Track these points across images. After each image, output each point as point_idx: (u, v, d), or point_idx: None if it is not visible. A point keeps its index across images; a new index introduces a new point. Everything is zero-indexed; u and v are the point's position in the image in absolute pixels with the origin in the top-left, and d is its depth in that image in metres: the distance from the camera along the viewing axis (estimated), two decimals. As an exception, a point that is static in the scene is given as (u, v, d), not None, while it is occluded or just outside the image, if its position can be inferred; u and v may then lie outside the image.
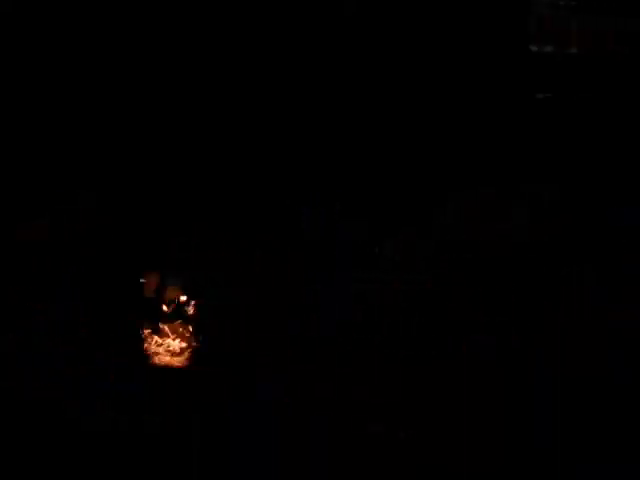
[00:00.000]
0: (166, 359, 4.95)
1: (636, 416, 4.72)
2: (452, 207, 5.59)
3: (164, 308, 5.06)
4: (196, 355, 5.03)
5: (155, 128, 5.59)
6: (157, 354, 4.93)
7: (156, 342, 4.95)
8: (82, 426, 4.63)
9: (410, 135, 5.70)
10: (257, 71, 5.68)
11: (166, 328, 4.99)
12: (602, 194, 5.56)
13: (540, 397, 4.84)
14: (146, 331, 4.97)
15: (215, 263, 5.41)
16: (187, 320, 5.08)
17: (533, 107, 5.76)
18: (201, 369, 4.99)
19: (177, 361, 4.95)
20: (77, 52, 5.55)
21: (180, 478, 4.52)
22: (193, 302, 5.11)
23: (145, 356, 4.90)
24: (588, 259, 5.40)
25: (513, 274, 5.35)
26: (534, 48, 5.71)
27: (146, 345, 4.91)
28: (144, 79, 5.61)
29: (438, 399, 4.88)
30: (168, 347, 4.97)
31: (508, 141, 5.68)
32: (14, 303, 5.11)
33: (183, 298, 5.10)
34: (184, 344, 5.03)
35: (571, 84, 5.69)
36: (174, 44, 5.61)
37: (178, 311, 5.09)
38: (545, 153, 5.65)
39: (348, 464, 4.58)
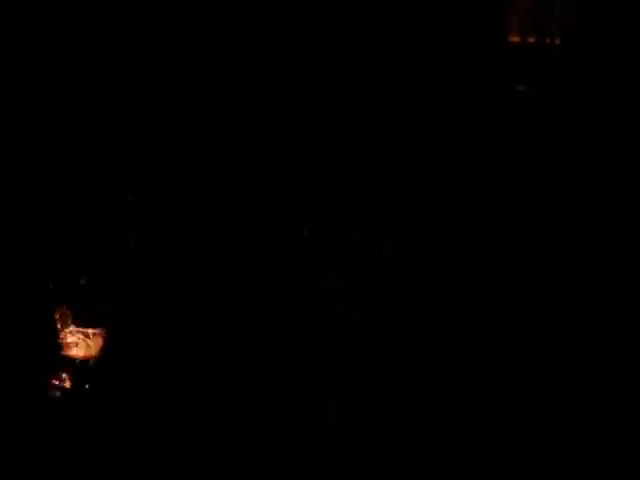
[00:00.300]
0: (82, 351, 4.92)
1: (636, 415, 4.72)
2: (452, 207, 5.59)
3: None
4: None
5: (155, 128, 5.58)
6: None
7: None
8: (82, 426, 4.63)
9: (410, 135, 5.69)
10: (257, 71, 5.68)
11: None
12: (602, 194, 5.55)
13: (540, 397, 4.83)
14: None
15: (215, 263, 5.41)
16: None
17: (532, 107, 5.75)
18: (201, 369, 4.99)
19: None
20: (77, 52, 5.54)
21: (180, 478, 4.51)
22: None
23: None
24: (588, 259, 5.40)
25: (513, 274, 5.34)
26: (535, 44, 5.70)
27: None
28: (144, 79, 5.60)
29: (438, 399, 4.88)
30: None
31: (508, 141, 5.67)
32: (14, 303, 5.10)
33: None
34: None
35: (573, 83, 5.68)
36: (174, 44, 5.60)
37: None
38: (545, 153, 5.65)
39: (348, 464, 4.58)
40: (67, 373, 4.80)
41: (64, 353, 4.87)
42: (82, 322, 4.93)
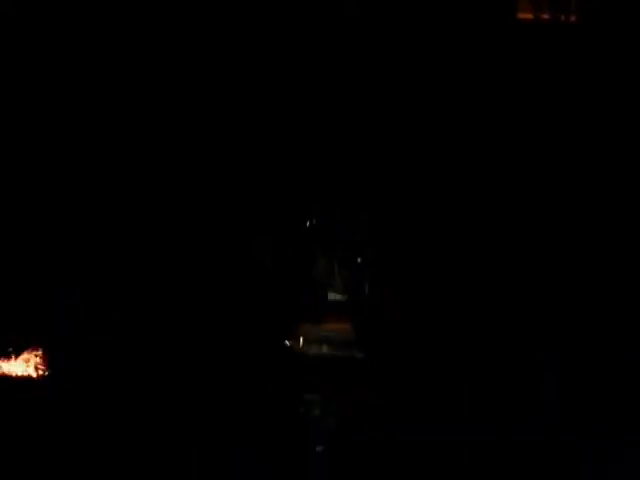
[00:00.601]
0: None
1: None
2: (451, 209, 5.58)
3: None
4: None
5: (153, 128, 5.57)
6: None
7: None
8: (82, 426, 4.64)
9: (410, 135, 5.69)
10: (256, 72, 5.67)
11: None
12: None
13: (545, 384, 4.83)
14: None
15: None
16: None
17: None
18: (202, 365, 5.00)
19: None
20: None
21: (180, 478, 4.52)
22: None
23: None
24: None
25: (514, 271, 5.33)
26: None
27: None
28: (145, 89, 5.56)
29: (438, 399, 4.89)
30: None
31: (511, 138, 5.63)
32: (14, 303, 5.11)
33: None
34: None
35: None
36: (172, 50, 5.56)
37: None
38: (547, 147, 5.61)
39: (348, 464, 4.59)
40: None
41: None
42: None
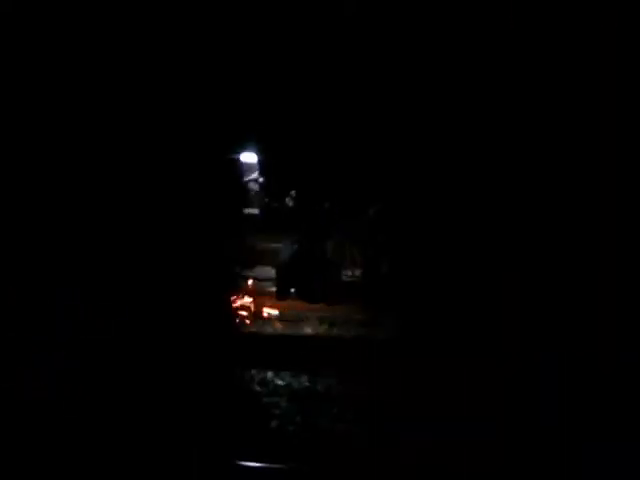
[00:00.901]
0: None
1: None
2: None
3: None
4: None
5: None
6: None
7: None
8: (81, 426, 4.63)
9: (411, 137, 5.69)
10: (257, 73, 5.67)
11: None
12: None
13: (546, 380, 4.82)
14: None
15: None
16: None
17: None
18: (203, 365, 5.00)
19: None
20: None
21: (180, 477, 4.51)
22: None
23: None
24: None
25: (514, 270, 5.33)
26: None
27: None
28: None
29: (438, 399, 4.89)
30: None
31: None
32: (14, 304, 5.10)
33: None
34: None
35: None
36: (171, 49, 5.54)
37: None
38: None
39: (349, 464, 4.58)
40: None
41: None
42: None
